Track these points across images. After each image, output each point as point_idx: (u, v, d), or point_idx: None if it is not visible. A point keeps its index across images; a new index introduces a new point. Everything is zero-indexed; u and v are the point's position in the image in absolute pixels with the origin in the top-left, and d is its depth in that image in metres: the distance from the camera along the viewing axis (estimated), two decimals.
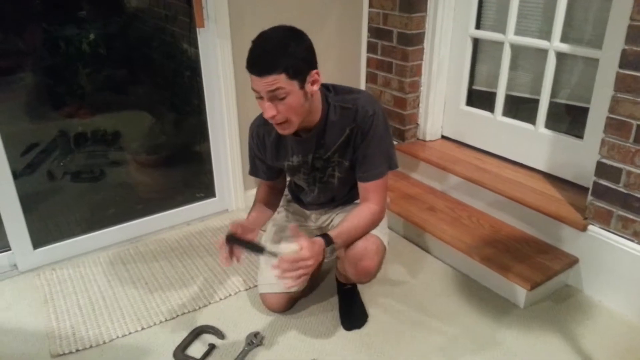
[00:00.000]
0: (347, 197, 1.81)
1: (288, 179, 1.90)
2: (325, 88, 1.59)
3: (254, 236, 1.65)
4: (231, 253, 1.56)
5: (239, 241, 1.58)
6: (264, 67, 1.37)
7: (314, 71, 1.45)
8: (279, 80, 1.37)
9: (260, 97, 1.43)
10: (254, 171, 1.81)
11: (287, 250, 1.47)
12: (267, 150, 1.69)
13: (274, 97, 1.40)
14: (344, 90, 1.61)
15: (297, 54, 1.40)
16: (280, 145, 1.66)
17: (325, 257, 1.54)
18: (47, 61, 2.17)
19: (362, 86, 2.73)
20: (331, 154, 1.62)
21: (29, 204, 2.09)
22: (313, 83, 1.46)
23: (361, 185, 1.63)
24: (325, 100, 1.56)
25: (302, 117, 1.49)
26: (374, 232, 1.63)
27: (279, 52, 1.38)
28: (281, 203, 1.95)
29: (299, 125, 1.51)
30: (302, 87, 1.43)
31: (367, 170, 1.59)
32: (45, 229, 2.22)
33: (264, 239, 1.87)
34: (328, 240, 1.50)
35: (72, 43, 2.19)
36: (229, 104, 2.34)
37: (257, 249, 1.56)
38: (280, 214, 1.92)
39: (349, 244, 1.58)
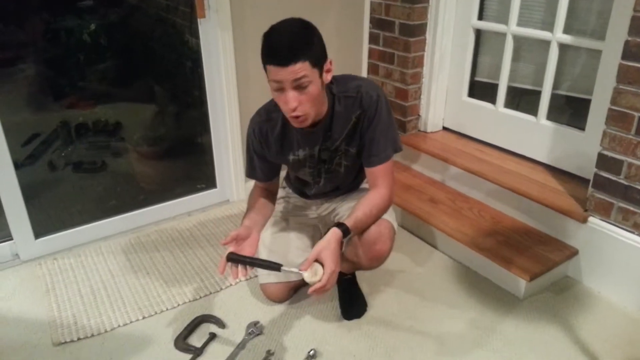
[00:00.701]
0: (351, 185, 1.82)
1: (283, 173, 1.89)
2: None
3: (254, 240, 1.61)
4: (235, 272, 1.53)
5: (244, 260, 1.53)
6: (290, 56, 1.37)
7: (329, 60, 1.47)
8: (305, 68, 1.38)
9: (280, 89, 1.42)
10: (251, 173, 1.78)
11: (310, 279, 1.43)
12: (270, 147, 1.68)
13: (298, 86, 1.40)
14: (346, 79, 1.61)
15: (316, 42, 1.42)
16: (285, 140, 1.65)
17: (343, 248, 1.54)
18: (48, 52, 2.17)
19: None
20: (339, 143, 1.62)
21: (30, 194, 2.10)
22: (327, 72, 1.48)
23: (369, 171, 1.63)
24: (330, 92, 1.57)
25: (317, 108, 1.50)
26: (385, 216, 1.64)
27: (302, 40, 1.40)
28: (280, 194, 1.95)
29: (314, 117, 1.51)
30: (320, 75, 1.44)
31: (374, 154, 1.59)
32: (47, 218, 2.22)
33: (262, 240, 1.86)
34: (345, 231, 1.50)
35: (73, 34, 2.18)
36: (230, 94, 2.34)
37: (272, 266, 1.52)
38: (279, 205, 1.92)
39: (362, 231, 1.59)
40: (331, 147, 1.63)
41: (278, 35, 1.41)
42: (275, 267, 1.51)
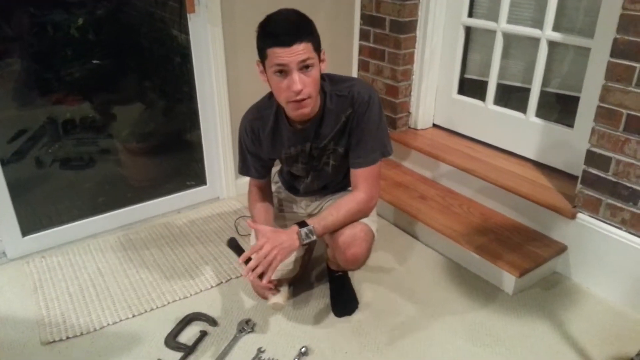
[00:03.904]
0: (339, 185, 1.81)
1: (276, 168, 1.88)
2: (321, 78, 1.59)
3: None
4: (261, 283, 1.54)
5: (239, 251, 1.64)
6: (295, 36, 1.38)
7: (323, 50, 1.49)
8: (308, 48, 1.40)
9: (284, 73, 1.41)
10: (244, 169, 1.77)
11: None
12: (262, 144, 1.68)
13: (303, 67, 1.41)
14: (339, 78, 1.61)
15: (315, 29, 1.45)
16: (275, 137, 1.65)
17: (302, 240, 1.53)
18: (35, 47, 2.14)
19: (354, 74, 2.72)
20: (327, 142, 1.62)
21: (17, 191, 2.07)
22: (322, 62, 1.50)
23: (353, 172, 1.63)
24: (322, 89, 1.56)
25: (317, 97, 1.51)
26: (363, 220, 1.63)
27: (304, 23, 1.43)
28: (272, 189, 1.94)
29: (312, 108, 1.52)
30: (319, 62, 1.47)
31: (360, 156, 1.59)
32: (34, 216, 2.20)
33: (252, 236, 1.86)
34: (303, 224, 1.52)
35: (61, 28, 2.15)
36: (220, 90, 2.33)
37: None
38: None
39: (331, 230, 1.58)
40: (320, 144, 1.63)
41: (279, 19, 1.43)
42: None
